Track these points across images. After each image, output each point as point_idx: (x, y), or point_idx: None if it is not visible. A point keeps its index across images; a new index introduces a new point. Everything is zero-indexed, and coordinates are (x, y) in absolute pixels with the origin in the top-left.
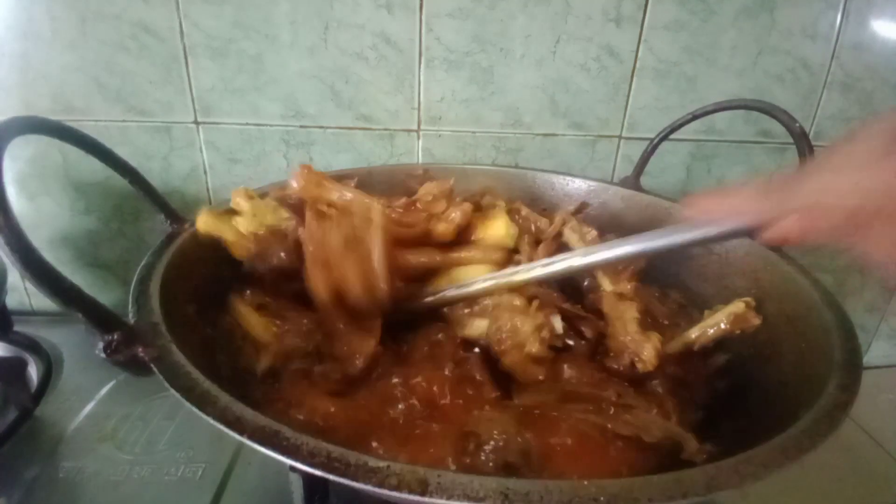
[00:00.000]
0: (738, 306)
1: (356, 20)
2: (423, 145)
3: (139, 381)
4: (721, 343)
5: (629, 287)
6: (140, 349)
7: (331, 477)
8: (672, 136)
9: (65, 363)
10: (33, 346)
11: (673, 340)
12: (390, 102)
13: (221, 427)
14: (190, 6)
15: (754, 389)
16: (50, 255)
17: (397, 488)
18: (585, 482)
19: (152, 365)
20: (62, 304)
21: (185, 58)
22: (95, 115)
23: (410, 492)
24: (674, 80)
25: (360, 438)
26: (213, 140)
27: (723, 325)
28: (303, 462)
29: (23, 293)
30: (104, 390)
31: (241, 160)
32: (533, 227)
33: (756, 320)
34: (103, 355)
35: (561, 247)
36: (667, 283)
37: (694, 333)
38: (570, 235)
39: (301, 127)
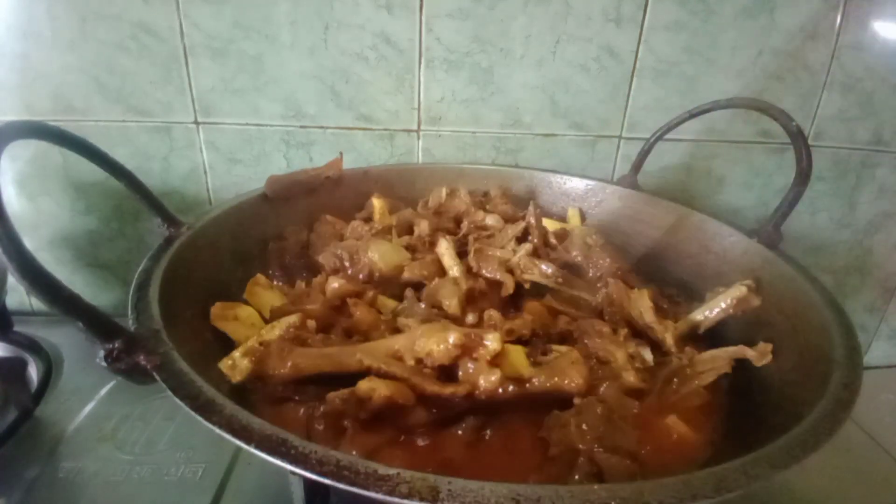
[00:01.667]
0: (740, 290)
1: (356, 20)
2: (423, 145)
3: None
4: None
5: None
6: (142, 357)
7: (340, 486)
8: (673, 137)
9: (65, 363)
10: (33, 346)
11: (679, 322)
12: (390, 102)
13: (228, 436)
14: (190, 6)
15: (755, 389)
16: (50, 256)
17: (408, 496)
18: (596, 486)
19: (155, 373)
20: (62, 313)
21: (185, 58)
22: (95, 115)
23: (421, 499)
24: (674, 80)
25: None
26: (213, 140)
27: (724, 306)
28: (312, 471)
29: (23, 293)
30: (104, 390)
31: (241, 160)
32: None
33: (756, 301)
34: (104, 364)
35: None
36: (665, 281)
37: (699, 316)
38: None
39: (301, 127)
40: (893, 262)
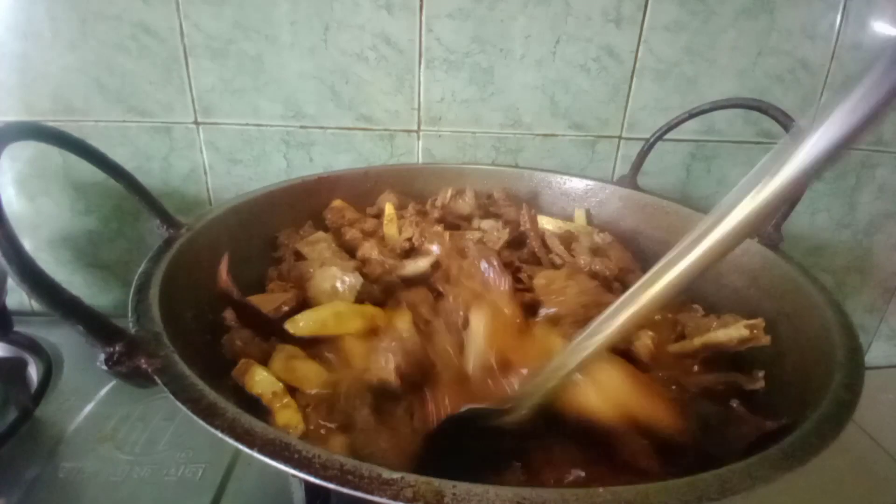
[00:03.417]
0: (746, 332)
1: (356, 21)
2: (423, 146)
3: None
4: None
5: None
6: (143, 360)
7: (344, 490)
8: (672, 137)
9: (65, 363)
10: (33, 346)
11: (678, 343)
12: (390, 103)
13: (231, 440)
14: (190, 7)
15: (756, 390)
16: (50, 256)
17: (413, 500)
18: (601, 490)
19: (156, 377)
20: (61, 316)
21: (186, 58)
22: (95, 115)
23: (426, 503)
24: (674, 80)
25: None
26: (213, 140)
27: (727, 340)
28: (315, 475)
29: (23, 293)
30: (104, 390)
31: (241, 161)
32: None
33: (765, 340)
34: (105, 367)
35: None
36: None
37: (698, 343)
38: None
39: (301, 127)
40: (893, 262)
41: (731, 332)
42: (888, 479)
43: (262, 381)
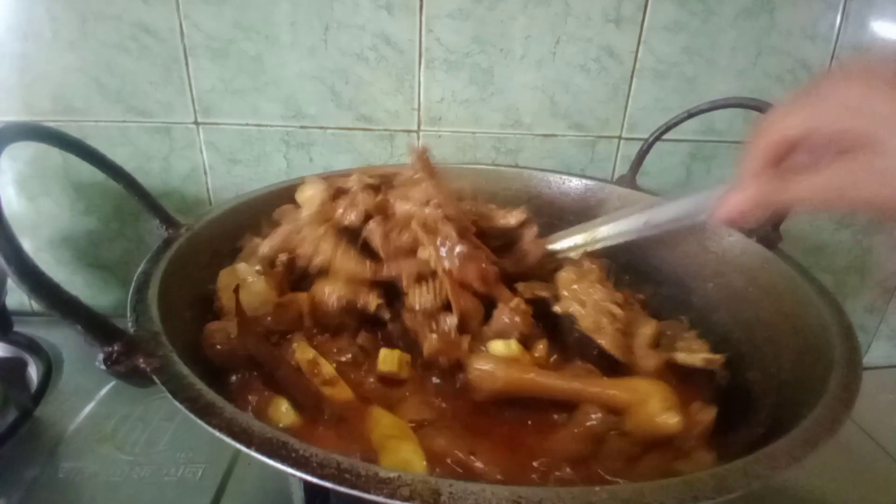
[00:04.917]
0: (702, 364)
1: (356, 21)
2: (424, 146)
3: None
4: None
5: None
6: (141, 360)
7: (341, 489)
8: (672, 137)
9: (65, 363)
10: (33, 346)
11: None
12: (390, 103)
13: (228, 439)
14: (190, 7)
15: (754, 389)
16: (50, 256)
17: (409, 499)
18: (597, 488)
19: (154, 376)
20: (60, 316)
21: (186, 58)
22: (95, 115)
23: (423, 502)
24: (673, 80)
25: None
26: (213, 141)
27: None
28: (312, 474)
29: (23, 293)
30: (104, 391)
31: (241, 161)
32: None
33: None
34: (103, 367)
35: None
36: (665, 280)
37: (663, 357)
38: None
39: (301, 127)
40: (893, 262)
41: (691, 358)
42: (888, 479)
43: None
